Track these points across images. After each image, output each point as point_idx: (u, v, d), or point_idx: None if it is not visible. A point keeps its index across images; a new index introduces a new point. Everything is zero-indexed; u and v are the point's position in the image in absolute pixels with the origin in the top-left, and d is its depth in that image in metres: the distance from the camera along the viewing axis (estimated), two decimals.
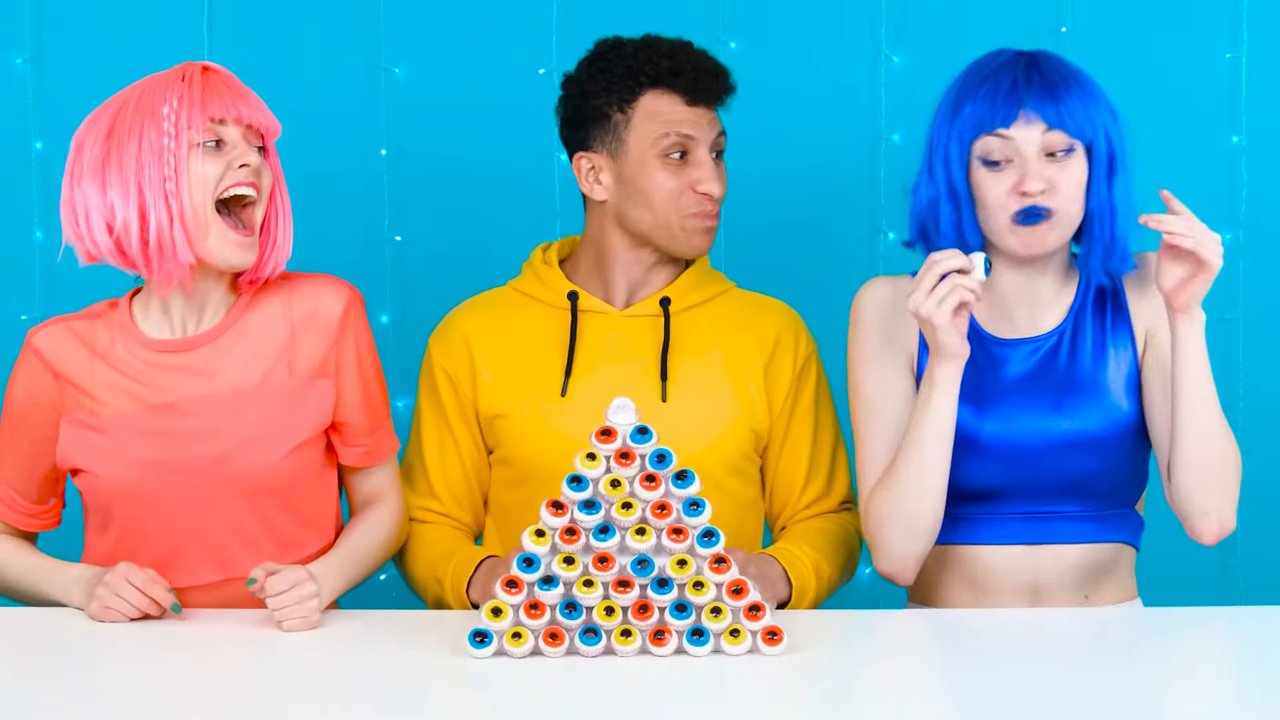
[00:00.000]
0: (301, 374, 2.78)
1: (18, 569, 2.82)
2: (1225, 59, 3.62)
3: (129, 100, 2.71)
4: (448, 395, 2.95)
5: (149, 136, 2.67)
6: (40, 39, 3.64)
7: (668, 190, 2.89)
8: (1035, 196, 2.71)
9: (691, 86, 2.88)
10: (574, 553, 2.50)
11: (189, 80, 2.69)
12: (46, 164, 3.63)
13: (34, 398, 2.79)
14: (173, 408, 2.73)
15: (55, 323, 2.83)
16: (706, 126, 2.90)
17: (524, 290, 2.99)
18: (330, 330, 2.80)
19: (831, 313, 3.02)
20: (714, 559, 2.50)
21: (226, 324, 2.77)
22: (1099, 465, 2.79)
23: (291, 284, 2.82)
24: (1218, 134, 3.61)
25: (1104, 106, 2.75)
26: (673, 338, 2.93)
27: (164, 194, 2.66)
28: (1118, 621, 2.73)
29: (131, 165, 2.67)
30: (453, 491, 2.95)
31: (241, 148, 2.70)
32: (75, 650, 2.58)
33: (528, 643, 2.47)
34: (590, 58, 2.95)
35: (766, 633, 2.48)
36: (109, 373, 2.76)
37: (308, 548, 2.81)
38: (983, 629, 2.69)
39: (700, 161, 2.89)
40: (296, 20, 3.65)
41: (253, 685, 2.44)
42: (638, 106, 2.89)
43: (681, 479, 2.51)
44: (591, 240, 2.97)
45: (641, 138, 2.89)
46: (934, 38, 3.63)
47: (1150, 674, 2.47)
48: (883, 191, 3.65)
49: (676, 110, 2.88)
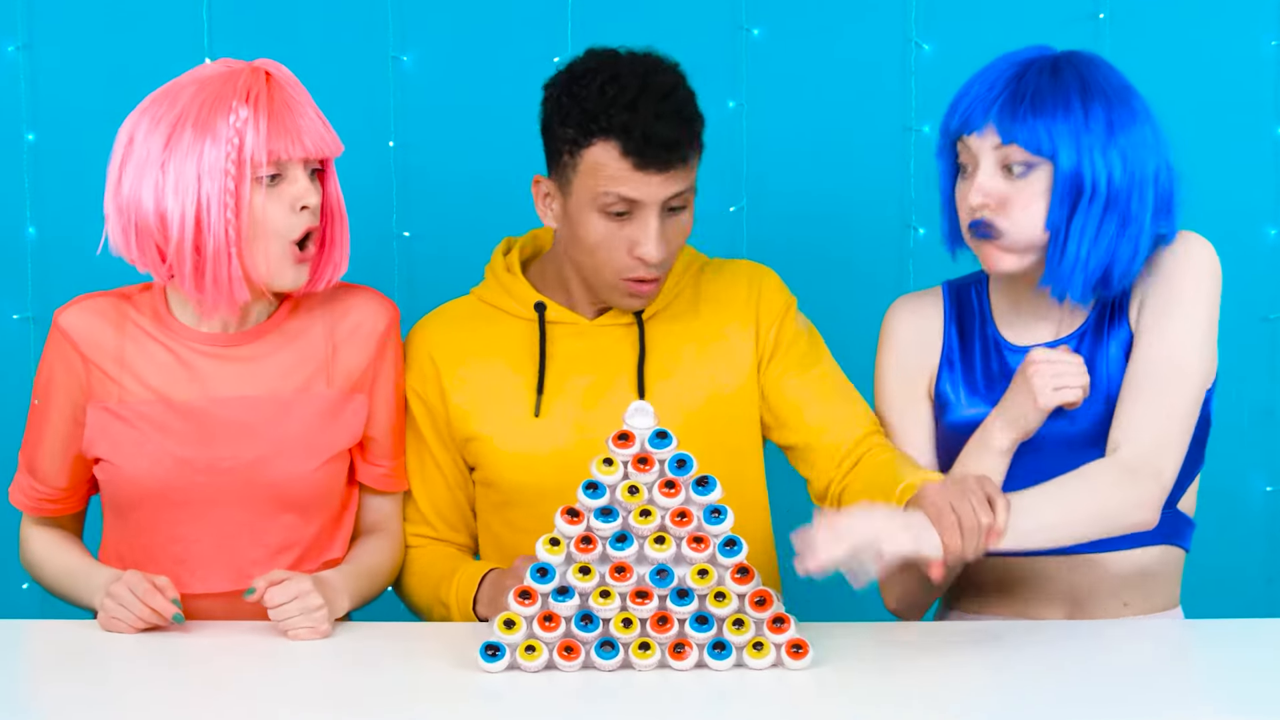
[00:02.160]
0: (339, 386, 2.79)
1: (53, 568, 2.83)
2: (1271, 47, 3.61)
3: (192, 102, 2.67)
4: (422, 417, 2.90)
5: (209, 156, 2.64)
6: (33, 25, 3.64)
7: (603, 243, 2.76)
8: (979, 211, 2.70)
9: (639, 150, 2.70)
10: (590, 562, 2.48)
11: (255, 101, 2.65)
12: (39, 156, 3.65)
13: (61, 381, 2.78)
14: (206, 405, 2.74)
15: (84, 301, 2.80)
16: (656, 188, 2.72)
17: (489, 300, 2.93)
18: (371, 346, 2.81)
19: (859, 309, 3.06)
20: (736, 569, 2.49)
21: (269, 327, 2.78)
22: None
23: (334, 294, 2.84)
24: (1263, 125, 3.60)
25: (1095, 126, 2.69)
26: (648, 346, 2.87)
27: (224, 223, 2.64)
28: (1155, 632, 2.73)
29: (192, 182, 2.64)
30: (442, 514, 2.91)
31: (302, 183, 2.68)
32: (79, 661, 2.59)
33: (541, 656, 2.46)
34: (569, 74, 2.82)
35: (791, 646, 2.47)
36: (139, 358, 2.75)
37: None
38: (1014, 640, 2.68)
39: (643, 222, 2.74)
40: (301, 6, 3.66)
41: (259, 699, 2.43)
42: (585, 155, 2.74)
43: (703, 485, 2.50)
44: (557, 245, 2.91)
45: (583, 186, 2.75)
46: (966, 25, 3.62)
47: (1190, 690, 2.48)
48: (913, 185, 3.64)
49: (622, 170, 2.72)
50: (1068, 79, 2.69)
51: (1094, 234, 2.69)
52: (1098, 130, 2.67)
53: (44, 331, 3.39)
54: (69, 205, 3.63)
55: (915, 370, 2.86)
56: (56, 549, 2.83)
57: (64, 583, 2.80)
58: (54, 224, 3.64)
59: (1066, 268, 2.70)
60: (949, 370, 2.85)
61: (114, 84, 3.52)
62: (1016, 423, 2.72)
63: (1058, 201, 2.67)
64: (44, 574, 2.84)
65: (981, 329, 2.86)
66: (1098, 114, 2.68)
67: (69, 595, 2.80)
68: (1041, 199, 2.68)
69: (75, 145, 3.60)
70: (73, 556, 2.81)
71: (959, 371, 2.85)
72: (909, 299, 2.93)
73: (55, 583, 2.82)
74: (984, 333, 2.86)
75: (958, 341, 2.86)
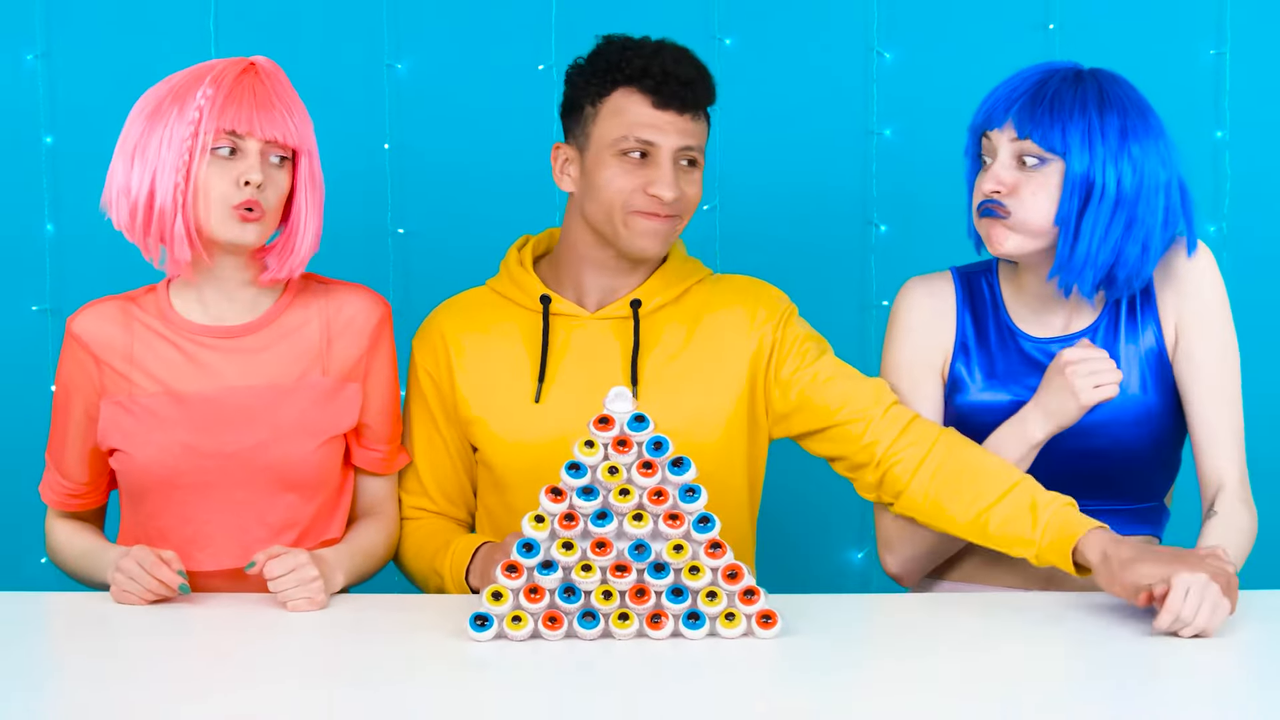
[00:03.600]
0: (334, 375, 2.82)
1: (72, 551, 2.87)
2: (1209, 55, 3.64)
3: (174, 86, 2.72)
4: (432, 395, 2.93)
5: (174, 129, 2.69)
6: (51, 36, 3.66)
7: (618, 186, 2.81)
8: (990, 195, 2.74)
9: (656, 88, 2.79)
10: (573, 538, 2.50)
11: (220, 81, 2.69)
12: (57, 158, 3.66)
13: (77, 382, 2.81)
14: (211, 394, 2.77)
15: (93, 306, 2.84)
16: (673, 133, 2.80)
17: (500, 291, 2.95)
18: (364, 339, 2.84)
19: (825, 300, 3.07)
20: (709, 544, 2.50)
21: (266, 320, 2.81)
22: (1120, 455, 2.83)
23: (330, 291, 2.86)
24: (1203, 129, 3.64)
25: (1109, 134, 2.72)
26: (643, 339, 2.88)
27: (173, 187, 2.68)
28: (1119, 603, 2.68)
29: (155, 150, 2.69)
30: (444, 489, 2.95)
31: (253, 161, 2.70)
32: (92, 631, 2.61)
33: (527, 626, 2.48)
34: (591, 52, 2.88)
35: (761, 616, 2.49)
36: (147, 354, 2.78)
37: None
38: (975, 611, 2.69)
39: (658, 164, 2.80)
40: (302, 17, 3.66)
41: (253, 667, 2.44)
42: (606, 102, 2.82)
43: (678, 466, 2.51)
44: (565, 236, 2.92)
45: (604, 133, 2.82)
46: (924, 35, 3.65)
47: (1147, 656, 2.45)
48: (875, 184, 3.65)
49: (641, 111, 2.80)
50: (1088, 88, 2.74)
51: (1103, 233, 2.72)
52: (1111, 137, 2.71)
53: (61, 322, 3.51)
54: (85, 204, 3.44)
55: (929, 348, 2.88)
56: (75, 535, 2.87)
57: (81, 564, 2.83)
58: (71, 221, 3.67)
59: (1078, 262, 2.73)
60: (964, 353, 2.88)
61: (127, 90, 3.32)
62: (1054, 417, 2.75)
63: (1067, 197, 2.71)
64: (64, 559, 2.87)
65: (995, 316, 2.89)
66: (1112, 122, 2.72)
67: (86, 575, 2.83)
68: (1051, 190, 2.72)
69: (91, 147, 3.45)
70: (89, 540, 2.85)
71: (975, 355, 2.87)
72: (922, 280, 2.94)
73: (74, 565, 2.86)
74: (998, 319, 2.89)
75: (972, 326, 2.89)
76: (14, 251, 3.68)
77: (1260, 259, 3.67)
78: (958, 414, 2.87)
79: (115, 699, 2.30)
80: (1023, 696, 2.30)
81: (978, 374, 2.87)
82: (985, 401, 2.85)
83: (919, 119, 3.65)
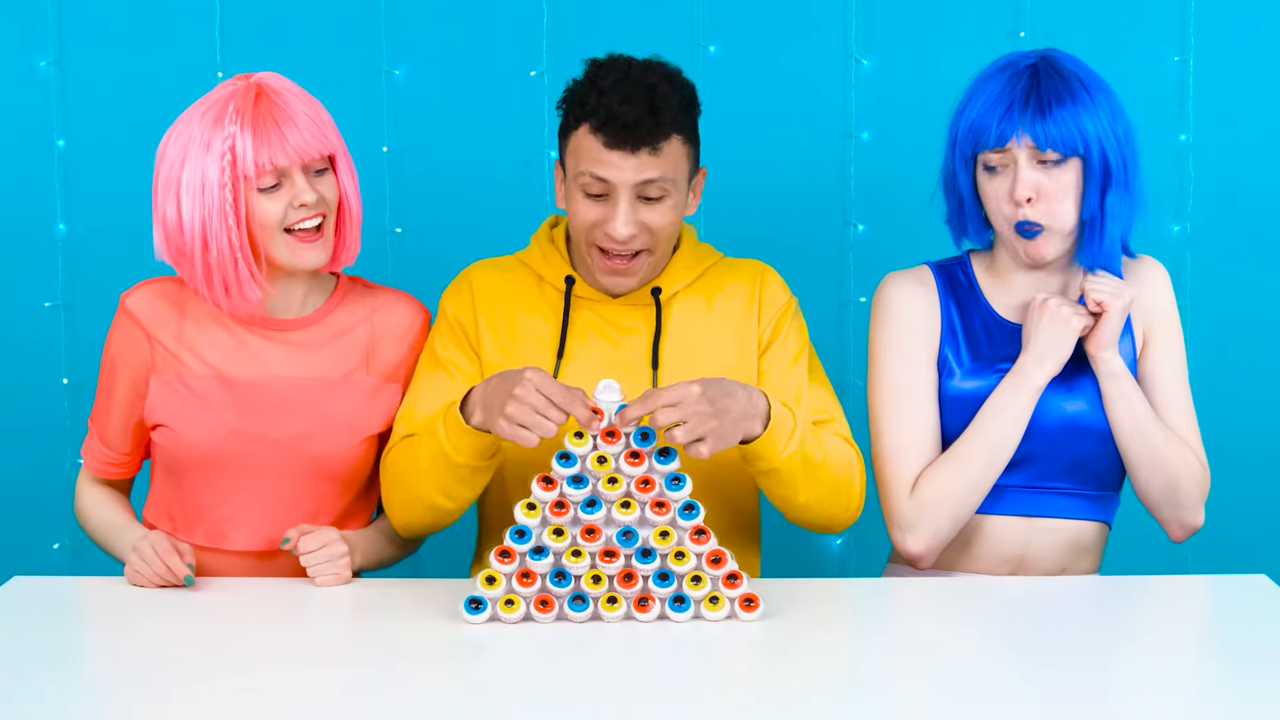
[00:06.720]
0: (376, 375, 2.86)
1: (96, 522, 2.91)
2: (1174, 62, 3.68)
3: (198, 128, 2.72)
4: (453, 332, 2.87)
5: (211, 173, 2.70)
6: (63, 42, 3.67)
7: (582, 219, 2.77)
8: (1025, 207, 2.76)
9: (602, 128, 2.71)
10: (563, 525, 2.53)
11: (240, 118, 2.69)
12: (68, 160, 3.67)
13: (126, 356, 2.83)
14: (260, 382, 2.80)
15: (149, 284, 2.86)
16: (628, 169, 2.72)
17: (529, 264, 2.91)
18: (405, 344, 2.89)
19: (804, 298, 3.04)
20: (694, 530, 2.53)
21: (317, 317, 2.85)
22: (1097, 447, 2.86)
23: (375, 295, 2.91)
24: (1167, 132, 3.67)
25: (1102, 115, 2.76)
26: (664, 325, 2.86)
27: (226, 230, 2.71)
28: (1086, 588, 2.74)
29: (199, 196, 2.71)
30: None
31: (299, 183, 2.72)
32: (106, 614, 2.66)
33: (520, 609, 2.51)
34: (572, 80, 2.83)
35: (744, 600, 2.52)
36: (200, 336, 2.81)
37: None
38: (952, 594, 2.71)
39: (614, 202, 2.73)
40: (304, 24, 3.67)
41: (248, 649, 2.47)
42: (571, 138, 2.77)
43: (664, 455, 2.55)
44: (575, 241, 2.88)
45: (570, 166, 2.77)
46: (901, 42, 3.66)
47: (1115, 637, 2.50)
48: (853, 186, 3.67)
49: (595, 150, 2.72)
50: (1069, 77, 2.77)
51: (1117, 210, 2.78)
52: (1104, 115, 2.77)
53: (72, 318, 3.58)
54: (95, 204, 3.67)
55: (921, 338, 2.88)
56: (104, 505, 2.91)
57: (104, 535, 2.87)
58: (82, 221, 3.67)
59: (1108, 247, 2.80)
60: (951, 341, 2.88)
61: (136, 95, 3.64)
62: (1050, 355, 2.79)
63: (1091, 189, 2.76)
64: (90, 524, 2.91)
65: (977, 303, 2.90)
66: (1101, 101, 2.78)
67: (107, 545, 2.88)
68: (1074, 189, 2.76)
69: (101, 150, 3.66)
70: (116, 514, 2.89)
71: (962, 343, 2.88)
72: (902, 274, 2.93)
73: (98, 533, 2.89)
74: (980, 309, 2.90)
75: (957, 313, 2.90)
76: (27, 250, 3.69)
77: (1222, 257, 3.69)
78: (948, 399, 2.88)
79: (132, 676, 2.35)
80: (990, 674, 2.34)
81: (966, 362, 2.88)
82: (963, 391, 2.87)
83: (895, 123, 3.66)
